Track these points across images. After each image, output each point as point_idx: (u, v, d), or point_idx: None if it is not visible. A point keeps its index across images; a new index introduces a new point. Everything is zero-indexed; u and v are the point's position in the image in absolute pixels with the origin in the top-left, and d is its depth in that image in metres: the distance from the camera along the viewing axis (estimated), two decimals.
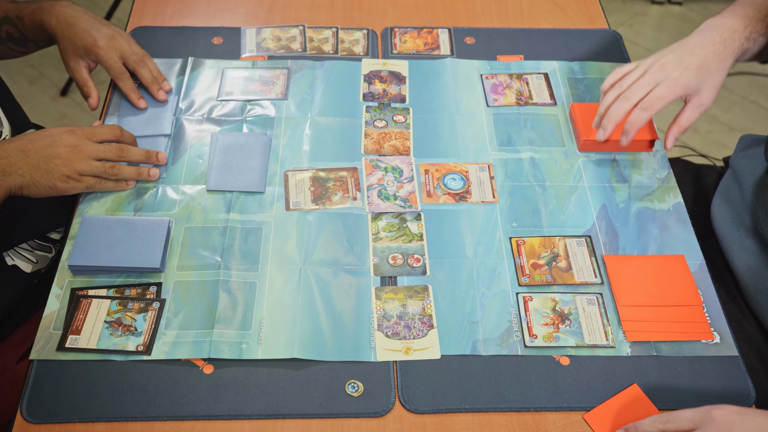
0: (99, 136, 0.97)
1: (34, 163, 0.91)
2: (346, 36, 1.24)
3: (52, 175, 0.91)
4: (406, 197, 1.01)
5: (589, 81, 1.18)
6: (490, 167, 1.05)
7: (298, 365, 0.85)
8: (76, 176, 0.93)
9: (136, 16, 1.27)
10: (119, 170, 0.97)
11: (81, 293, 0.89)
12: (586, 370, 0.85)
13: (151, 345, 0.85)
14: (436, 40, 1.24)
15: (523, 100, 1.14)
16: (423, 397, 0.83)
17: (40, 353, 0.84)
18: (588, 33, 1.27)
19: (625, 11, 2.69)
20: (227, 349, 0.85)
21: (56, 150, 0.92)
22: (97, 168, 0.95)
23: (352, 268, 0.93)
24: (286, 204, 1.00)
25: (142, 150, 1.00)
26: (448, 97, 1.15)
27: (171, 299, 0.89)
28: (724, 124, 2.33)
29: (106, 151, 0.96)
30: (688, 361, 0.86)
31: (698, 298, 0.91)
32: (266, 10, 1.29)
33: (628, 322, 0.89)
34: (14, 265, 0.99)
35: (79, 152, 0.93)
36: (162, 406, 0.81)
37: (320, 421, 0.81)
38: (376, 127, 1.10)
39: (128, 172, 0.98)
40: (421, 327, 0.88)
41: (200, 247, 0.94)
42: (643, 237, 0.98)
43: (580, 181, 1.04)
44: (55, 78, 2.36)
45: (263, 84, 1.15)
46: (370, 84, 1.16)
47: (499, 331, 0.88)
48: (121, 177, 0.98)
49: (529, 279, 0.93)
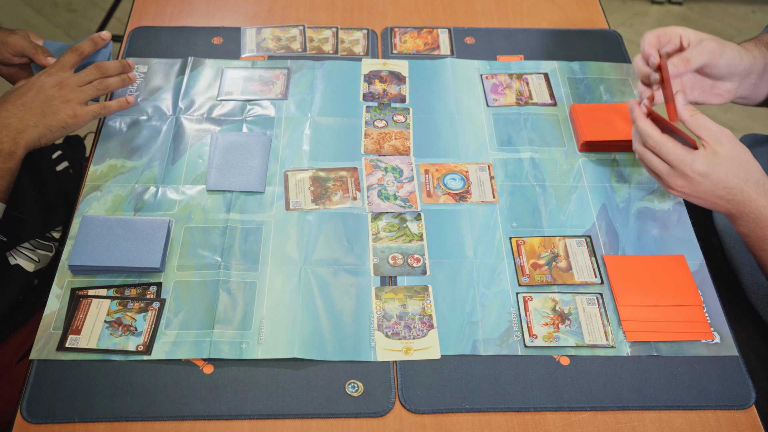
0: (68, 64, 1.01)
1: (38, 111, 0.95)
2: (346, 36, 1.24)
3: (58, 115, 0.96)
4: (406, 197, 1.01)
5: (589, 81, 1.18)
6: (490, 167, 1.05)
7: (298, 365, 0.85)
8: (79, 108, 0.98)
9: (136, 16, 1.27)
10: (107, 83, 1.03)
11: (81, 293, 0.89)
12: (586, 370, 0.85)
13: (151, 345, 0.85)
14: (436, 40, 1.24)
15: (523, 100, 1.14)
16: (423, 397, 0.83)
17: (40, 353, 0.84)
18: (588, 33, 1.27)
19: (625, 11, 2.69)
20: (227, 349, 0.85)
21: (48, 92, 0.97)
22: (90, 90, 1.00)
23: (352, 268, 0.93)
24: (286, 204, 1.00)
25: (115, 61, 1.06)
26: (448, 97, 1.15)
27: (171, 299, 0.89)
28: (724, 124, 2.32)
29: (87, 74, 1.01)
30: (688, 361, 0.86)
31: (698, 298, 0.91)
32: (266, 10, 1.29)
33: (628, 322, 0.89)
34: (17, 264, 0.99)
35: (67, 85, 0.98)
36: (162, 406, 0.81)
37: (320, 421, 0.81)
38: (376, 127, 1.10)
39: (115, 82, 1.04)
40: (421, 327, 0.88)
41: (200, 247, 0.94)
42: (643, 237, 0.98)
43: (580, 181, 1.04)
44: None
45: (263, 84, 1.15)
46: (370, 84, 1.16)
47: (499, 331, 0.88)
48: (109, 89, 1.03)
49: (529, 279, 0.93)
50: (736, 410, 0.83)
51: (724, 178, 0.86)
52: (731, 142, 0.86)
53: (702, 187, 0.87)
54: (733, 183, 0.86)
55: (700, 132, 0.87)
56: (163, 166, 1.03)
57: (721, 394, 0.84)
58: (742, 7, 2.78)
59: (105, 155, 1.04)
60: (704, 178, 0.86)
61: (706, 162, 0.86)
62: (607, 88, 1.16)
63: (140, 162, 1.03)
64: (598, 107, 1.11)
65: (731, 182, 0.86)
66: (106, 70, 1.03)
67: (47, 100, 0.96)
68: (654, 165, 0.90)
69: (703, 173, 0.86)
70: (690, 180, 0.87)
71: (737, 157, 0.86)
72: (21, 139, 0.92)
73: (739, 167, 0.86)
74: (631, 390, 0.84)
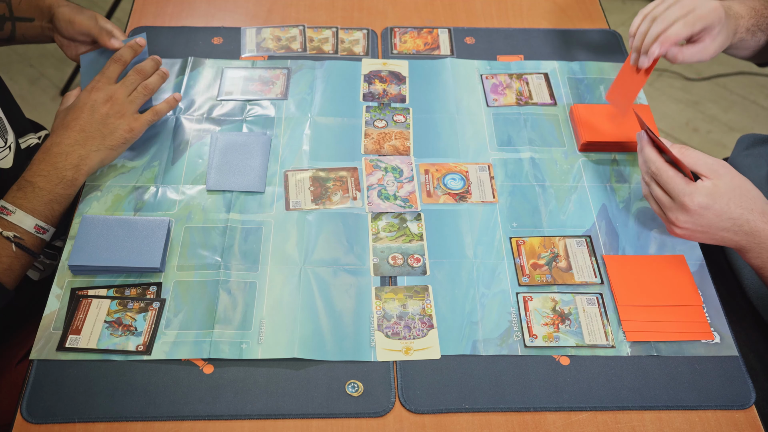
0: (114, 75, 1.02)
1: (98, 134, 0.96)
2: (346, 36, 1.24)
3: (116, 133, 0.98)
4: (406, 197, 1.01)
5: (589, 81, 1.18)
6: (490, 167, 1.05)
7: (298, 365, 0.85)
8: (134, 120, 0.99)
9: (136, 16, 1.27)
10: (150, 86, 1.03)
11: (81, 293, 0.89)
12: (586, 370, 0.85)
13: (151, 345, 0.85)
14: (436, 40, 1.24)
15: (523, 100, 1.14)
16: (423, 397, 0.83)
17: (40, 353, 0.84)
18: (588, 33, 1.27)
19: (625, 11, 2.69)
20: (227, 349, 0.85)
21: (101, 111, 0.97)
22: (139, 98, 1.01)
23: (352, 268, 0.93)
24: (286, 204, 1.00)
25: (149, 61, 1.05)
26: (448, 97, 1.15)
27: (171, 299, 0.89)
28: (724, 124, 2.33)
29: (131, 82, 1.01)
30: (688, 361, 0.86)
31: (698, 298, 0.91)
32: (266, 10, 1.29)
33: (628, 322, 0.89)
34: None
35: (117, 99, 0.99)
36: (162, 406, 0.81)
37: (320, 421, 0.81)
38: (376, 127, 1.10)
39: (155, 82, 1.04)
40: (421, 327, 0.88)
41: (200, 247, 0.94)
42: (643, 237, 0.98)
43: (580, 181, 1.04)
44: (55, 78, 2.36)
45: (263, 84, 1.15)
46: (370, 84, 1.16)
47: (499, 331, 0.88)
48: (153, 90, 1.03)
49: (529, 279, 0.93)
50: (736, 410, 0.83)
51: (726, 209, 0.84)
52: (729, 174, 0.85)
53: (705, 220, 0.85)
54: (737, 213, 0.84)
55: (696, 167, 0.85)
56: (163, 166, 1.03)
57: (721, 394, 0.84)
58: None
59: None
60: (706, 210, 0.84)
61: (705, 193, 0.84)
62: (607, 88, 1.16)
63: (140, 162, 1.03)
64: (598, 107, 1.11)
65: (735, 213, 0.84)
66: (146, 73, 1.03)
67: (103, 120, 0.97)
68: (657, 195, 0.88)
69: (704, 205, 0.84)
70: (692, 213, 0.85)
71: (738, 187, 0.84)
72: (84, 166, 0.95)
73: (741, 197, 0.84)
74: (630, 390, 0.84)
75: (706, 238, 0.88)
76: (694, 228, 0.87)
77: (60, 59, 2.41)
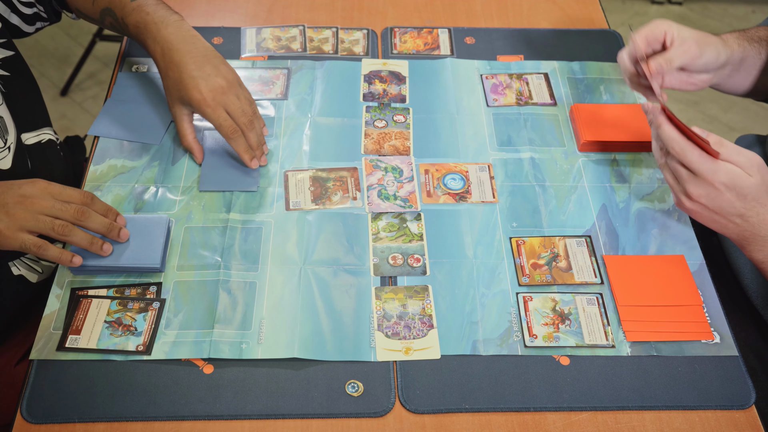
0: (65, 196, 0.86)
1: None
2: (346, 36, 1.24)
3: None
4: (406, 197, 1.01)
5: (589, 81, 1.18)
6: (490, 167, 1.05)
7: (298, 365, 0.85)
8: (14, 230, 0.83)
9: None
10: (70, 231, 0.85)
11: (81, 293, 0.89)
12: (586, 370, 0.85)
13: (151, 345, 0.85)
14: (436, 40, 1.24)
15: (523, 100, 1.14)
16: (423, 397, 0.83)
17: (40, 353, 0.84)
18: (588, 33, 1.27)
19: (625, 11, 2.69)
20: (227, 349, 0.85)
21: (5, 198, 0.84)
22: (43, 224, 0.84)
23: (352, 268, 0.93)
24: (286, 204, 1.00)
25: (105, 220, 0.88)
26: (448, 97, 1.15)
27: (171, 299, 0.89)
28: (724, 124, 2.33)
29: (62, 210, 0.85)
30: (688, 361, 0.86)
31: (698, 298, 0.91)
32: (266, 10, 1.29)
33: (628, 322, 0.89)
34: (20, 275, 0.99)
35: (30, 204, 0.84)
36: (162, 406, 0.81)
37: (320, 421, 0.81)
38: (376, 127, 1.10)
39: (80, 238, 0.86)
40: (421, 327, 0.88)
41: (200, 247, 0.94)
42: (643, 237, 0.98)
43: (580, 181, 1.04)
44: (55, 78, 2.36)
45: (263, 84, 1.15)
46: (370, 84, 1.16)
47: (499, 331, 0.88)
48: (70, 239, 0.86)
49: (529, 279, 0.93)
50: (736, 410, 0.83)
51: (747, 193, 0.83)
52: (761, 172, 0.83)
53: (722, 199, 0.84)
54: (751, 204, 0.83)
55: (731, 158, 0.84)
56: (162, 166, 1.03)
57: (721, 394, 0.84)
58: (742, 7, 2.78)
59: (105, 155, 1.04)
60: (727, 190, 0.83)
61: (733, 174, 0.82)
62: (607, 88, 1.16)
63: (140, 162, 1.03)
64: (598, 107, 1.11)
65: (749, 203, 0.83)
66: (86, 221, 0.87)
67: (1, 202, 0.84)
68: (674, 167, 0.87)
69: (728, 184, 0.83)
70: (711, 189, 0.84)
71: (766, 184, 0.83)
72: None
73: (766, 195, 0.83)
74: (630, 390, 0.84)
75: (711, 221, 0.87)
76: (706, 203, 0.85)
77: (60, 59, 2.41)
